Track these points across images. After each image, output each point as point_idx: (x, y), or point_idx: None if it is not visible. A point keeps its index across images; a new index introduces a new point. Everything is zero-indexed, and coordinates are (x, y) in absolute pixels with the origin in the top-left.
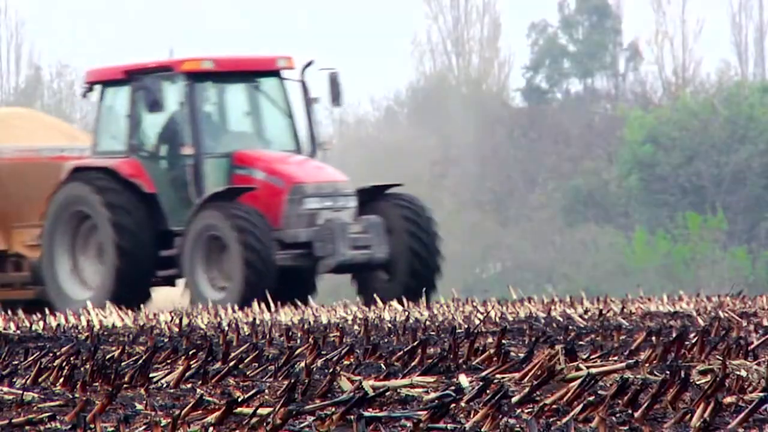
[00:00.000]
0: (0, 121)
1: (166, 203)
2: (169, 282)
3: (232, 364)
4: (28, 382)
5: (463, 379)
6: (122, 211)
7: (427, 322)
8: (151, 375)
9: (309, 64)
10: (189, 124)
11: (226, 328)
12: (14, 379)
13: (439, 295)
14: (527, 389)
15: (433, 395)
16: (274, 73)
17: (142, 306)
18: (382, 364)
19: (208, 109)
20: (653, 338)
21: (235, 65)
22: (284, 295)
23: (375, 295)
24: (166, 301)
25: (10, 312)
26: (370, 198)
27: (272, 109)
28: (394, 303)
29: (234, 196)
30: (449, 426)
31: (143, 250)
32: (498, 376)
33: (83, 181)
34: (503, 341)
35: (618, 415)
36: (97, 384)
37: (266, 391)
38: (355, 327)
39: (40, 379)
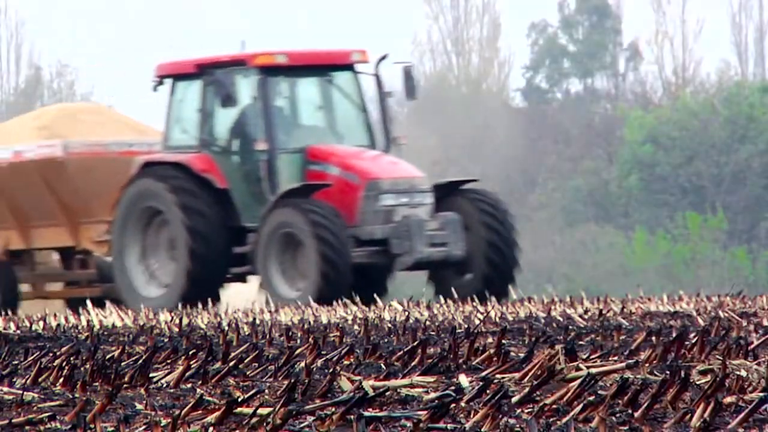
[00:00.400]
0: (68, 115)
1: (239, 199)
2: (241, 278)
3: (232, 364)
4: (28, 382)
5: (463, 379)
6: (195, 211)
7: (427, 322)
8: (151, 375)
9: (383, 57)
10: (262, 119)
11: (226, 328)
12: (14, 379)
13: (513, 292)
14: (527, 389)
15: (433, 395)
16: (348, 67)
17: (212, 303)
18: (382, 364)
19: (281, 103)
20: (653, 338)
21: (308, 59)
22: (359, 292)
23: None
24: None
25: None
26: (446, 193)
27: (345, 103)
28: (394, 303)
29: (309, 193)
30: (449, 426)
31: (216, 250)
32: (498, 376)
33: (155, 177)
34: (503, 341)
35: (618, 415)
36: (97, 384)
37: (266, 391)
38: (355, 327)
39: (40, 379)
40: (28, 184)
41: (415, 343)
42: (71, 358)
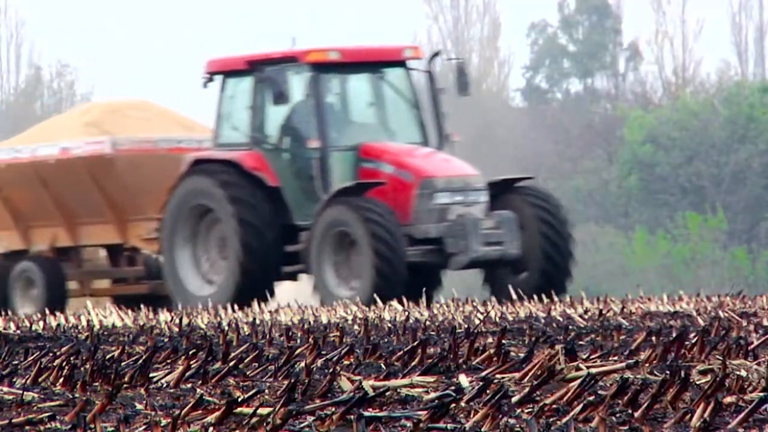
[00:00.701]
0: (115, 111)
1: (291, 197)
2: (292, 277)
3: (232, 364)
4: (28, 381)
5: (463, 379)
6: (247, 208)
7: (427, 322)
8: (151, 375)
9: (436, 54)
10: (314, 117)
11: (226, 328)
12: (14, 379)
13: (568, 287)
14: (527, 389)
15: (433, 395)
16: (400, 64)
17: (263, 302)
18: (382, 364)
19: (333, 100)
20: (653, 338)
21: (361, 56)
22: (411, 291)
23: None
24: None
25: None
26: (500, 191)
27: (398, 100)
28: (394, 303)
29: (362, 191)
30: (449, 426)
31: (268, 248)
32: (498, 376)
33: (206, 174)
34: (503, 341)
35: (618, 415)
36: (97, 384)
37: (266, 391)
38: (355, 327)
39: (40, 379)
40: (76, 181)
41: (415, 343)
42: (71, 358)
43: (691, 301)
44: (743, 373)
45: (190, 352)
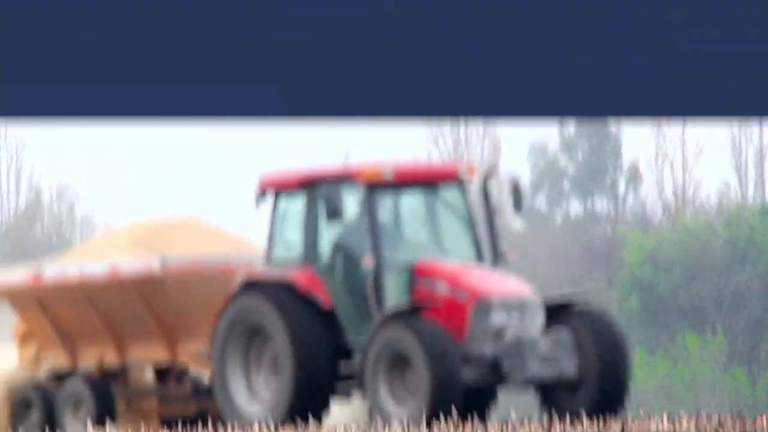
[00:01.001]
0: (163, 229)
1: (344, 316)
2: (345, 395)
3: None
4: None
5: None
6: (301, 329)
7: None
8: None
9: (491, 172)
10: (369, 235)
11: None
12: None
13: (626, 410)
14: None
15: None
16: (455, 182)
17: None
18: None
19: (387, 217)
20: None
21: (416, 174)
22: (467, 410)
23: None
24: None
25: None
26: (556, 309)
27: (452, 217)
28: (394, 424)
29: (418, 312)
30: None
31: (321, 366)
32: None
33: (258, 294)
34: None
35: None
36: None
37: None
38: None
39: None
40: (125, 300)
41: None
42: None
43: (691, 421)
44: None
45: None
